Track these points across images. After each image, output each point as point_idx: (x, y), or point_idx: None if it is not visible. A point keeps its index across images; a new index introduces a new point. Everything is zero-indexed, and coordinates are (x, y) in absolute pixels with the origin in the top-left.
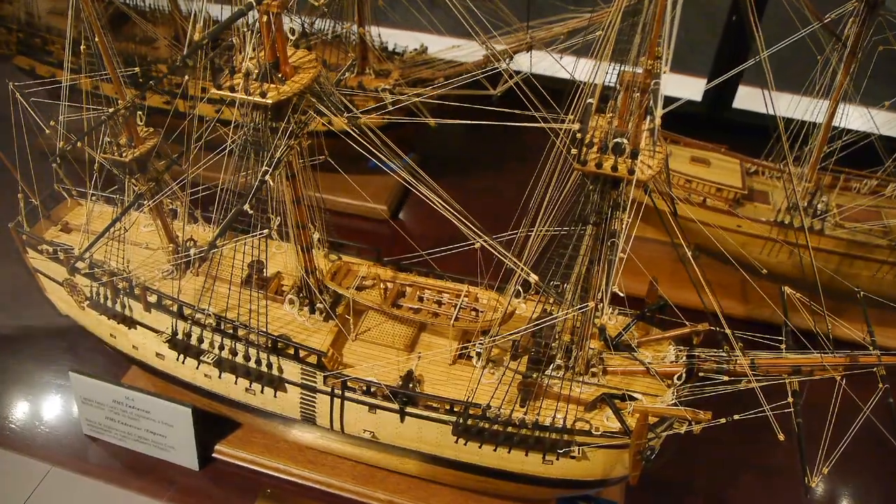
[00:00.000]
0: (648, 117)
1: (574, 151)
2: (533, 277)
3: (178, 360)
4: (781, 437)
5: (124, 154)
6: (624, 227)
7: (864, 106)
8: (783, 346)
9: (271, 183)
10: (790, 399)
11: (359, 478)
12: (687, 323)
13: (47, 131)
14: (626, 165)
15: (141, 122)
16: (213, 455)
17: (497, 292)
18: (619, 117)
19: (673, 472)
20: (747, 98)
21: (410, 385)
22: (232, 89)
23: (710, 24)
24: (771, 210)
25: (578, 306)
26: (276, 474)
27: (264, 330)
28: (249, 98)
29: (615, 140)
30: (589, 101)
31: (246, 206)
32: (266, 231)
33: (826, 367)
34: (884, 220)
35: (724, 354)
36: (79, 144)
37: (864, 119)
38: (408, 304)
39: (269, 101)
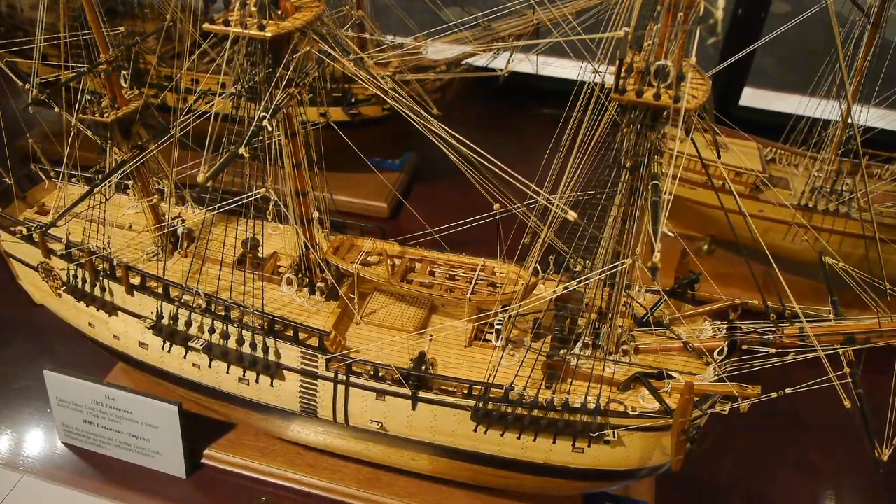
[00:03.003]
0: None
1: (609, 86)
2: (571, 215)
3: (163, 348)
4: (848, 404)
5: (106, 114)
6: (672, 159)
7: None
8: (831, 317)
9: (269, 128)
10: (846, 370)
11: (363, 482)
12: (723, 297)
13: (21, 85)
14: (670, 95)
15: (125, 82)
16: (202, 461)
17: (517, 265)
18: (660, 43)
19: (707, 470)
20: (753, 97)
21: (423, 367)
22: (226, 24)
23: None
24: (792, 196)
25: (612, 265)
26: (271, 480)
27: (259, 310)
28: (245, 32)
29: (658, 63)
30: (624, 29)
31: (242, 150)
32: (262, 190)
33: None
34: None
35: (769, 325)
36: (57, 109)
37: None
38: (418, 280)
39: (268, 35)
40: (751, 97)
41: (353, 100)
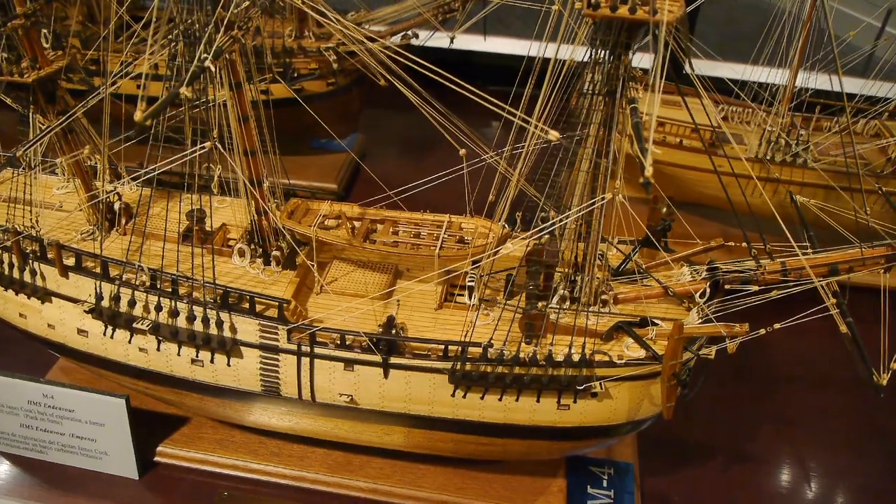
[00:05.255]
0: None
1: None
2: (553, 135)
3: (105, 334)
4: (844, 328)
5: (26, 74)
6: (653, 75)
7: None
8: (810, 251)
9: (213, 69)
10: (832, 300)
11: (334, 467)
12: (699, 241)
13: None
14: (645, 11)
15: (47, 42)
16: (156, 459)
17: (487, 219)
18: None
19: (687, 430)
20: (697, 66)
21: (393, 332)
22: None
23: None
24: (748, 151)
25: (590, 201)
26: (233, 473)
27: (211, 281)
28: None
29: None
30: None
31: (183, 89)
32: (207, 145)
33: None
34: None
35: (749, 262)
36: None
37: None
38: (382, 240)
39: None
40: (695, 65)
41: (294, 75)
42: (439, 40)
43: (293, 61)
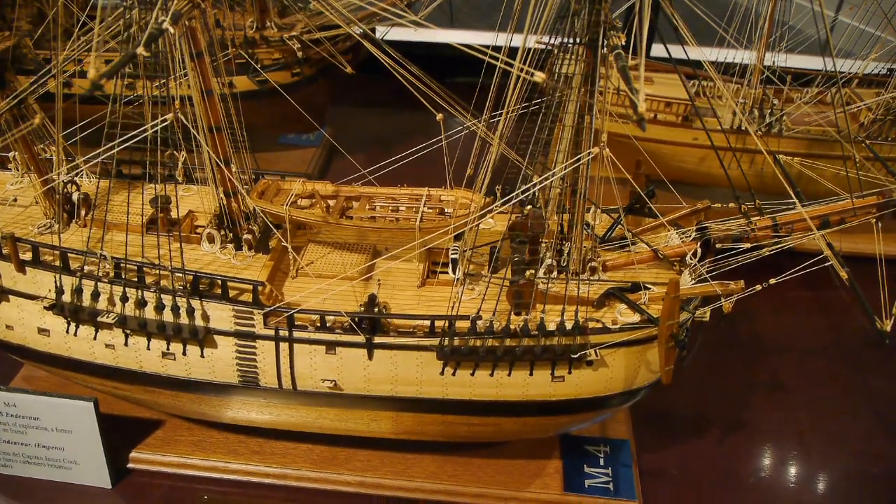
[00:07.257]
0: None
1: None
2: (539, 76)
3: (68, 331)
4: (844, 275)
5: None
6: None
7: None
8: (799, 206)
9: (172, 30)
10: (827, 252)
11: (318, 462)
12: (685, 204)
13: None
14: None
15: None
16: (129, 466)
17: (467, 189)
18: None
19: (681, 403)
20: (661, 50)
21: (376, 310)
22: None
23: None
24: (722, 123)
25: (577, 157)
26: (213, 475)
27: (179, 267)
28: None
29: None
30: None
31: (140, 50)
32: (168, 117)
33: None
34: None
35: (739, 220)
36: None
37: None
38: (359, 215)
39: None
40: (660, 50)
41: (259, 66)
42: (403, 34)
43: (256, 52)
